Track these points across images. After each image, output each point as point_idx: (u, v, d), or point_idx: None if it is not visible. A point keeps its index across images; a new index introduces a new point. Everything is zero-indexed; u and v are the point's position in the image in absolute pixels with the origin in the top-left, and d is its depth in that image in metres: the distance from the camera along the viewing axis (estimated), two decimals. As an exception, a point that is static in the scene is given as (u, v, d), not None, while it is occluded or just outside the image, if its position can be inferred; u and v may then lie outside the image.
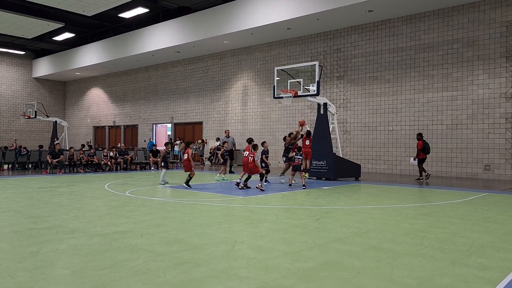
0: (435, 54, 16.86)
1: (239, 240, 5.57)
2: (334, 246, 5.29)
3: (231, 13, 20.29)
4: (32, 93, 34.84)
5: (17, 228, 6.21)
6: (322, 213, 7.80)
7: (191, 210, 8.05)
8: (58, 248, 5.04)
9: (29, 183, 13.00)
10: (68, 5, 21.16)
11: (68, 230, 6.10)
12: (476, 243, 5.56)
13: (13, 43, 30.95)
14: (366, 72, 18.79)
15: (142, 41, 25.06)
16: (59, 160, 17.02)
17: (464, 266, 4.50)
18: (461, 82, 16.25)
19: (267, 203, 9.07)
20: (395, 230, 6.31)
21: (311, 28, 19.61)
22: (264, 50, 22.63)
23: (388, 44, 18.10)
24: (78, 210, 7.97)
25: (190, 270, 4.24)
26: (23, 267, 4.27)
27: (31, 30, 26.10)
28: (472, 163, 15.89)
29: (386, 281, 3.97)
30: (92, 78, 34.22)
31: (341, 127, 19.17)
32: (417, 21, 17.32)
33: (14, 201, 8.99)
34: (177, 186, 12.25)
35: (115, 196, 10.05)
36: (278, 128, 21.87)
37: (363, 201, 9.48)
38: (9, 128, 33.21)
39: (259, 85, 22.75)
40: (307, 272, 4.23)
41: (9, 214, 7.46)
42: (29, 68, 34.79)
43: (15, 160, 18.72)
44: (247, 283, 3.88)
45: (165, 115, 28.27)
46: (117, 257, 4.68)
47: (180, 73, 27.26)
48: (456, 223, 6.93)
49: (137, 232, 6.00)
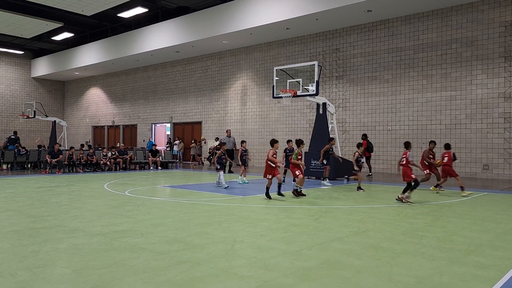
0: (434, 54, 16.89)
1: (239, 239, 5.59)
2: (334, 245, 5.32)
3: (230, 13, 20.30)
4: (31, 93, 34.79)
5: (17, 228, 6.22)
6: (322, 212, 7.83)
7: (191, 209, 8.07)
8: (59, 248, 5.06)
9: (28, 182, 13.01)
10: (67, 4, 21.13)
11: (68, 229, 6.11)
12: (474, 242, 5.59)
13: (12, 42, 30.91)
14: (365, 72, 18.82)
15: (141, 41, 25.05)
16: (58, 160, 17.03)
17: (463, 265, 4.53)
18: (459, 82, 16.28)
19: (267, 202, 9.09)
20: (394, 229, 6.33)
21: (310, 28, 19.63)
22: (263, 50, 22.65)
23: (387, 44, 18.14)
24: (77, 209, 7.99)
25: (190, 269, 4.26)
26: (24, 266, 4.29)
27: (30, 30, 26.06)
28: (470, 162, 15.93)
29: (386, 280, 4.00)
30: (91, 77, 34.20)
31: (340, 126, 19.20)
32: (416, 21, 17.35)
33: (14, 201, 8.99)
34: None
35: (114, 195, 10.06)
36: (277, 128, 21.89)
37: (362, 201, 9.51)
38: (8, 128, 33.14)
39: (258, 85, 22.77)
40: (307, 271, 4.25)
41: (8, 213, 7.47)
42: (28, 67, 34.74)
43: (14, 159, 18.71)
44: (247, 282, 3.90)
45: (164, 115, 28.27)
46: (117, 256, 4.70)
47: (179, 72, 27.27)
48: (454, 222, 6.96)
49: (137, 231, 6.01)
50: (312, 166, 14.66)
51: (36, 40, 29.49)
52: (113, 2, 20.77)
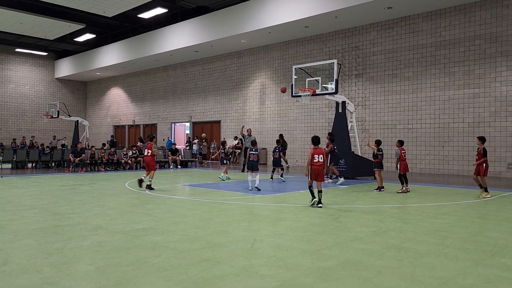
0: (456, 51, 16.54)
1: (259, 238, 5.60)
2: (354, 245, 5.27)
3: (248, 12, 20.32)
4: (54, 93, 35.59)
5: (42, 225, 6.38)
6: (341, 212, 7.77)
7: (211, 208, 8.13)
8: (82, 245, 5.17)
9: (53, 181, 13.31)
10: (89, 6, 21.56)
11: (91, 227, 6.24)
12: (499, 243, 5.46)
13: (36, 44, 31.69)
14: (385, 70, 18.57)
15: (161, 41, 25.32)
16: (81, 159, 17.38)
17: (488, 267, 4.43)
18: (483, 79, 15.90)
19: (285, 201, 9.08)
20: (415, 230, 6.24)
21: (329, 26, 19.48)
22: (281, 48, 22.59)
23: (408, 41, 17.85)
24: (100, 207, 8.14)
25: (211, 267, 4.29)
26: (49, 263, 4.39)
27: (54, 32, 26.68)
28: (495, 161, 15.54)
29: (408, 281, 3.94)
30: (112, 78, 34.75)
31: (360, 125, 19.00)
32: (438, 17, 17.02)
33: (39, 199, 9.23)
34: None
35: (135, 194, 10.21)
36: (295, 127, 21.81)
37: (382, 200, 9.39)
38: (32, 127, 34.01)
39: (277, 84, 22.73)
40: (327, 270, 4.23)
41: (34, 211, 7.66)
42: (51, 68, 35.55)
43: (39, 158, 19.18)
44: (267, 281, 3.91)
45: (184, 114, 28.51)
46: (139, 254, 4.77)
47: (198, 72, 27.45)
48: (478, 223, 6.81)
49: (158, 229, 6.09)
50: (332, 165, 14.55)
51: (59, 41, 30.16)
52: (133, 3, 21.06)
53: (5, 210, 7.77)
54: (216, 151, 21.82)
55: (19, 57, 33.70)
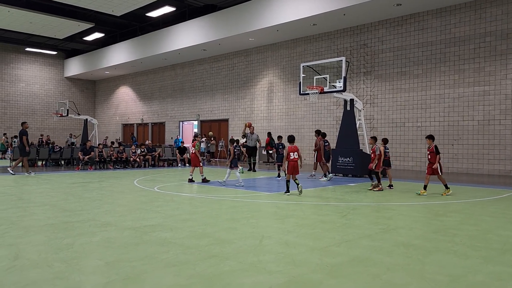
0: (466, 48, 16.38)
1: (267, 235, 5.61)
2: (363, 242, 5.25)
3: (256, 10, 20.30)
4: (64, 92, 35.92)
5: (52, 221, 6.45)
6: (349, 209, 7.75)
7: (219, 205, 8.15)
8: (92, 241, 5.21)
9: (62, 178, 13.44)
10: (98, 5, 21.70)
11: (100, 223, 6.29)
12: (509, 241, 5.40)
13: (46, 43, 31.99)
14: (394, 67, 18.45)
15: (169, 40, 25.42)
16: (90, 157, 17.52)
17: (498, 264, 4.39)
18: (493, 76, 15.73)
19: (293, 199, 9.07)
20: (424, 227, 6.20)
21: (337, 24, 19.40)
22: (289, 46, 22.55)
23: (417, 38, 17.71)
24: (109, 204, 8.20)
25: (219, 263, 4.31)
26: (60, 258, 4.44)
27: (63, 31, 26.90)
28: (505, 160, 15.39)
29: (417, 278, 3.92)
30: (121, 76, 34.97)
31: (368, 123, 18.91)
32: (447, 14, 16.86)
33: (49, 196, 9.32)
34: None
35: (144, 191, 10.27)
36: (303, 125, 21.77)
37: (391, 198, 9.34)
38: (42, 126, 34.35)
39: (285, 82, 22.70)
40: (336, 267, 4.22)
41: (45, 208, 7.75)
42: (61, 67, 35.86)
43: (49, 156, 19.36)
44: (275, 276, 3.91)
45: (192, 113, 28.60)
46: (148, 250, 4.80)
47: (206, 70, 27.51)
48: (488, 221, 6.75)
49: (167, 226, 6.12)
50: (340, 163, 14.52)
51: (69, 40, 30.40)
52: (141, 1, 21.16)
53: (16, 206, 7.86)
54: (225, 149, 21.77)
55: (29, 56, 34.05)
